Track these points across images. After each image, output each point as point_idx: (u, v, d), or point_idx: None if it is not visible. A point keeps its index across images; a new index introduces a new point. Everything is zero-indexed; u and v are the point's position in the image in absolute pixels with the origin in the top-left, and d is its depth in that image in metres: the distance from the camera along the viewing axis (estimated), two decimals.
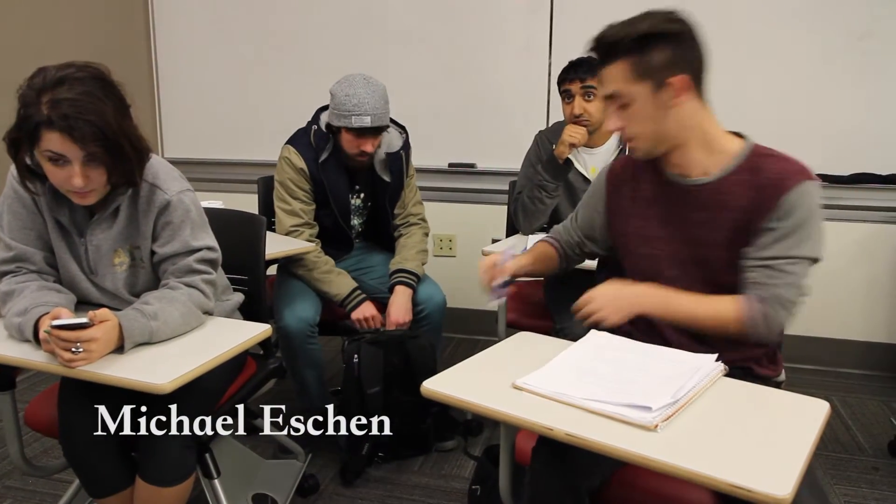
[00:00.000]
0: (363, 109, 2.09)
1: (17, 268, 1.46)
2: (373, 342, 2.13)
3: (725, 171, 1.33)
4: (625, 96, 1.30)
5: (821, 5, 2.80)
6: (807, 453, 0.97)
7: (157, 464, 1.41)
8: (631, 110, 1.31)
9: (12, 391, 1.49)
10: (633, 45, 1.26)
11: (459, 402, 1.14)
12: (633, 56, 1.27)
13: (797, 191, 1.26)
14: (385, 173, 2.30)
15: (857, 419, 2.59)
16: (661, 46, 1.26)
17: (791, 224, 1.27)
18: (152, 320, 1.34)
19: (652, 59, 1.26)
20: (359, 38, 3.27)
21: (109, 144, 1.29)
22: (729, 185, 1.33)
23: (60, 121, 1.24)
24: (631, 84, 1.28)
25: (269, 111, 3.45)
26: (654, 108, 1.29)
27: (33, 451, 2.26)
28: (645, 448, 0.97)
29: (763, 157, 1.32)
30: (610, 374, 1.19)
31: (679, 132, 1.32)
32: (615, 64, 1.28)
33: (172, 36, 3.54)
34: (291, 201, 2.25)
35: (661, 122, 1.31)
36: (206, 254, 1.50)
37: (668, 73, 1.27)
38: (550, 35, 3.06)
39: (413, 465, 2.24)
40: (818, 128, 2.87)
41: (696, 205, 1.36)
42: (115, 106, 1.32)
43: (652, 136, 1.33)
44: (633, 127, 1.33)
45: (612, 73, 1.30)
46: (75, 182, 1.30)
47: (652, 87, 1.28)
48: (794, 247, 1.28)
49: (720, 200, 1.33)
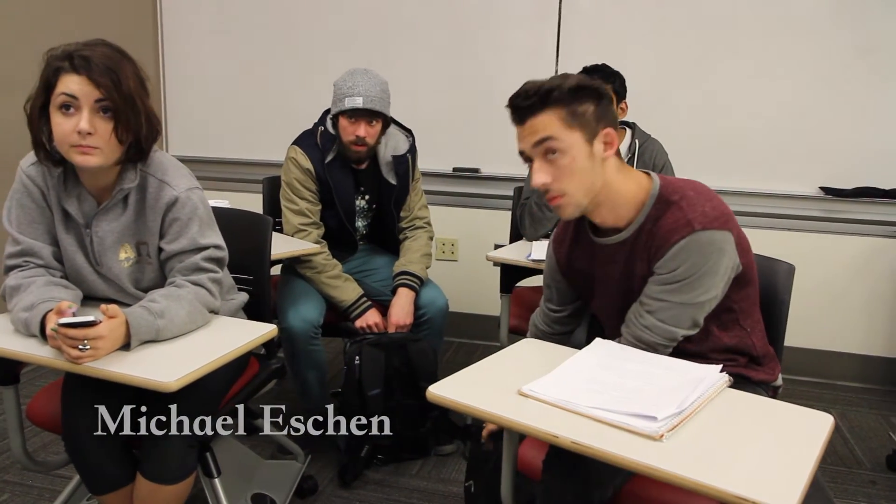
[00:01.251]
0: (355, 91, 2.11)
1: (25, 262, 1.46)
2: (374, 344, 2.13)
3: (636, 224, 1.36)
4: (560, 142, 1.28)
5: (824, 21, 2.81)
6: (812, 466, 0.97)
7: (158, 461, 1.41)
8: (563, 161, 1.29)
9: (16, 386, 1.49)
10: (567, 94, 1.28)
11: (464, 408, 1.14)
12: (566, 105, 1.28)
13: (680, 245, 1.28)
14: (391, 176, 2.31)
15: (856, 432, 2.59)
16: (591, 99, 1.29)
17: (674, 274, 1.30)
18: (159, 318, 1.34)
19: (585, 109, 1.29)
20: (366, 40, 3.28)
21: (122, 93, 1.32)
22: (635, 239, 1.36)
23: (80, 61, 1.30)
24: (565, 131, 1.28)
25: (275, 111, 3.45)
26: (586, 158, 1.30)
27: (33, 446, 2.25)
28: (651, 458, 0.97)
29: (666, 204, 1.33)
30: (615, 382, 1.20)
31: (601, 188, 1.33)
32: (549, 111, 1.28)
33: (179, 34, 3.55)
34: (298, 201, 2.25)
35: (591, 175, 1.31)
36: (213, 252, 1.50)
37: (599, 124, 1.30)
38: (558, 41, 3.07)
39: (412, 469, 2.24)
40: (821, 142, 2.88)
41: (615, 261, 1.40)
42: (134, 73, 1.37)
43: (582, 191, 1.31)
44: (564, 181, 1.30)
45: (545, 119, 1.28)
46: (82, 125, 1.30)
47: (585, 136, 1.29)
48: (670, 293, 1.31)
49: (631, 255, 1.37)
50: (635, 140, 2.31)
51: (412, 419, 2.19)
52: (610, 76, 2.21)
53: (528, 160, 1.34)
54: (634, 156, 2.28)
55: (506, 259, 2.18)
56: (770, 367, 1.46)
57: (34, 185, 1.45)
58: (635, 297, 1.38)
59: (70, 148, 1.34)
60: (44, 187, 1.45)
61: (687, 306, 1.31)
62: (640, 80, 2.33)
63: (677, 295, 1.30)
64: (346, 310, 2.24)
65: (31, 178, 1.45)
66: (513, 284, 2.27)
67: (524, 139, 1.32)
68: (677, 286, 1.30)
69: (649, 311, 1.33)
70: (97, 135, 1.33)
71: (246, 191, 3.42)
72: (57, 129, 1.34)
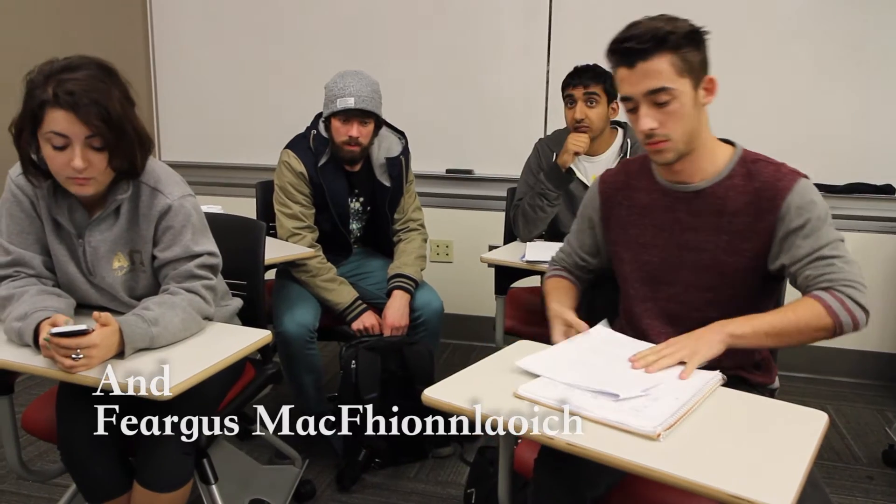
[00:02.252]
0: (347, 92, 2.12)
1: (16, 272, 1.46)
2: (370, 348, 2.13)
3: (720, 176, 1.36)
4: (672, 91, 1.26)
5: (816, 15, 2.82)
6: (807, 464, 0.97)
7: (155, 469, 1.40)
8: (670, 108, 1.28)
9: (10, 395, 1.49)
10: (682, 39, 1.26)
11: (460, 411, 1.14)
12: (680, 51, 1.26)
13: (796, 190, 1.30)
14: (385, 178, 2.31)
15: (852, 428, 2.60)
16: (699, 46, 1.29)
17: (808, 219, 1.29)
18: (153, 326, 1.34)
19: (695, 56, 1.28)
20: (357, 42, 3.28)
21: (112, 125, 1.30)
22: (724, 190, 1.35)
23: (66, 96, 1.26)
24: (677, 79, 1.26)
25: (268, 115, 3.45)
26: (692, 106, 1.29)
27: (28, 455, 2.25)
28: (647, 458, 0.97)
29: (754, 162, 1.36)
30: (609, 370, 1.22)
31: (698, 135, 1.33)
32: (662, 57, 1.25)
33: (170, 39, 3.54)
34: (292, 205, 2.25)
35: (695, 121, 1.31)
36: (207, 259, 1.50)
37: (702, 72, 1.30)
38: (549, 41, 3.08)
39: (409, 472, 2.24)
40: (813, 137, 2.89)
41: (693, 211, 1.38)
42: (120, 93, 1.34)
43: (685, 137, 1.31)
44: (671, 126, 1.29)
45: (657, 66, 1.26)
46: (75, 163, 1.30)
47: (692, 83, 1.28)
48: (825, 235, 1.30)
49: (717, 205, 1.35)
50: (627, 140, 2.31)
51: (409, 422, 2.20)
52: (601, 76, 2.21)
53: (630, 105, 1.31)
54: (626, 156, 2.28)
55: (500, 261, 2.18)
56: (768, 370, 1.46)
57: (23, 195, 1.44)
58: (699, 254, 1.37)
59: (66, 179, 1.35)
60: (33, 197, 1.45)
61: (839, 241, 1.31)
62: None
63: (828, 235, 1.30)
64: (342, 313, 2.24)
65: (21, 188, 1.44)
66: (507, 286, 2.27)
67: (633, 84, 1.28)
68: (822, 229, 1.29)
69: (828, 256, 1.29)
70: (92, 167, 1.33)
71: (239, 195, 3.41)
72: (50, 162, 1.33)
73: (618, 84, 1.32)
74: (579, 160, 2.31)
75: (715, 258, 1.37)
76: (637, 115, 1.31)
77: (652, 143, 1.32)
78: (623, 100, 1.33)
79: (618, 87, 1.33)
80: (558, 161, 2.25)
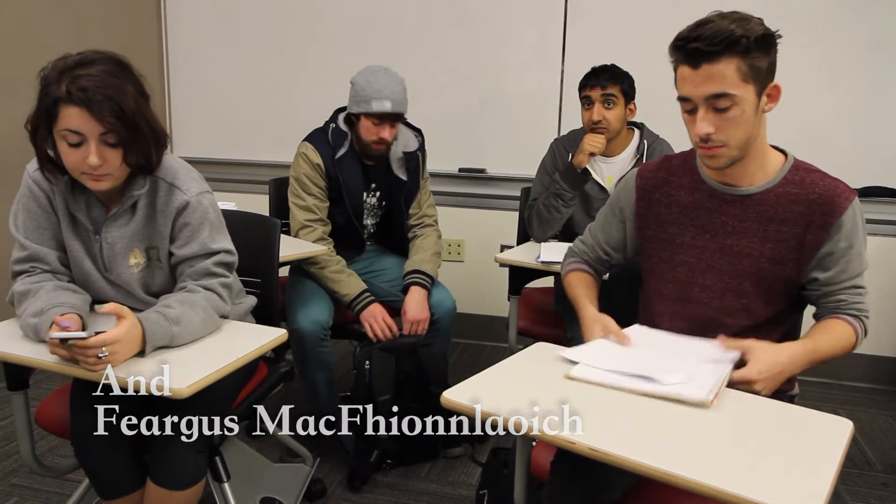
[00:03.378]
0: (384, 94, 2.10)
1: (32, 267, 1.45)
2: (385, 349, 2.12)
3: (771, 183, 1.34)
4: (735, 98, 1.22)
5: (830, 17, 2.80)
6: (834, 472, 0.96)
7: (168, 467, 1.40)
8: (730, 114, 1.23)
9: (25, 391, 1.48)
10: (753, 44, 1.20)
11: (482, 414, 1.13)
12: (749, 56, 1.21)
13: (852, 210, 1.29)
14: (401, 172, 2.31)
15: (866, 434, 2.58)
16: (769, 50, 1.24)
17: (853, 243, 1.31)
18: (174, 325, 1.33)
19: (762, 62, 1.23)
20: (371, 40, 3.27)
21: (126, 122, 1.29)
22: (775, 198, 1.33)
23: (79, 93, 1.25)
24: (741, 85, 1.21)
25: (281, 112, 3.44)
26: (754, 113, 1.25)
27: (39, 449, 2.25)
28: (670, 464, 0.96)
29: (807, 171, 1.34)
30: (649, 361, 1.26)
31: (754, 141, 1.30)
32: (729, 61, 1.20)
33: (183, 35, 3.54)
34: (306, 197, 2.24)
35: (754, 129, 1.27)
36: (223, 257, 1.49)
37: (768, 78, 1.26)
38: (564, 42, 3.06)
39: (420, 472, 2.23)
40: (828, 140, 2.86)
41: (739, 215, 1.36)
42: (134, 88, 1.33)
43: (742, 143, 1.27)
44: (729, 132, 1.24)
45: (723, 70, 1.20)
46: (91, 160, 1.29)
47: (757, 89, 1.24)
48: (863, 263, 1.34)
49: (765, 212, 1.33)
50: (643, 141, 2.30)
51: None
52: (618, 77, 2.19)
53: (688, 105, 1.27)
54: (643, 157, 2.26)
55: (515, 261, 2.16)
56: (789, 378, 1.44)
57: (40, 190, 1.44)
58: (740, 259, 1.36)
59: (81, 174, 1.34)
60: (49, 192, 1.44)
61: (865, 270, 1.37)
62: (647, 80, 2.31)
63: (861, 265, 1.35)
64: (349, 304, 2.23)
65: (37, 183, 1.44)
66: (521, 286, 2.26)
67: (696, 85, 1.23)
68: (859, 257, 1.34)
69: (859, 286, 1.35)
70: (107, 164, 1.32)
71: (252, 192, 3.41)
72: (65, 158, 1.33)
73: (678, 81, 1.27)
74: (595, 161, 2.29)
75: (757, 265, 1.35)
76: (694, 116, 1.26)
77: (706, 147, 1.27)
78: (681, 99, 1.28)
79: (677, 84, 1.28)
80: (574, 161, 2.23)
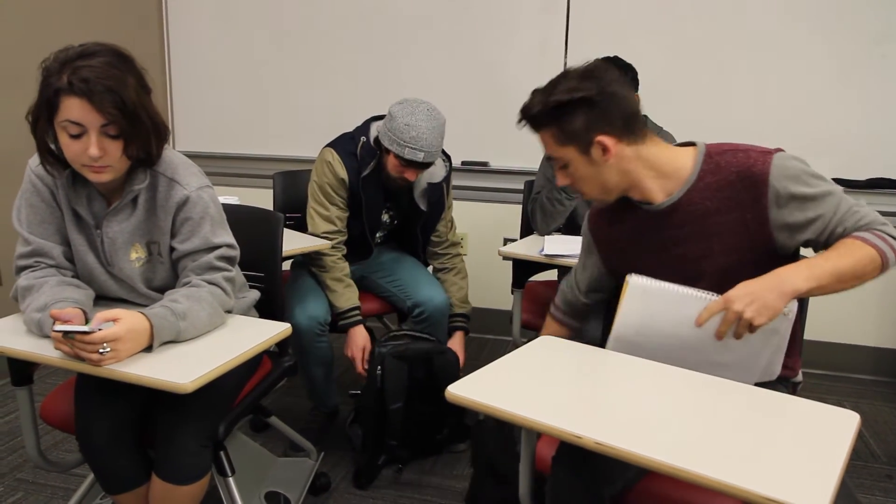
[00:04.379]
0: (419, 145, 2.05)
1: (36, 262, 1.45)
2: (398, 357, 2.10)
3: (688, 183, 1.33)
4: (559, 159, 1.35)
5: (836, 9, 2.78)
6: (841, 465, 0.95)
7: (173, 461, 1.40)
8: (570, 171, 1.36)
9: (29, 386, 1.48)
10: (551, 115, 1.30)
11: (485, 408, 1.13)
12: (553, 125, 1.31)
13: (775, 168, 1.26)
14: (423, 202, 2.28)
15: (870, 426, 2.57)
16: (577, 112, 1.29)
17: (806, 191, 1.26)
18: (181, 320, 1.33)
19: (572, 125, 1.29)
20: (372, 34, 3.26)
21: (127, 113, 1.29)
22: (699, 194, 1.32)
23: (80, 84, 1.24)
24: (560, 149, 1.33)
25: (283, 106, 3.43)
26: (588, 166, 1.34)
27: (44, 444, 2.24)
28: (675, 458, 0.96)
29: (720, 154, 1.33)
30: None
31: (623, 177, 1.35)
32: (542, 132, 1.35)
33: (185, 29, 3.53)
34: (329, 206, 2.22)
35: (601, 176, 1.35)
36: (225, 251, 1.49)
37: (590, 134, 1.29)
38: (566, 34, 3.04)
39: (425, 466, 2.23)
40: (834, 132, 2.85)
41: (673, 225, 1.36)
42: (135, 81, 1.33)
43: (598, 189, 1.37)
44: (578, 184, 1.38)
45: (543, 137, 1.35)
46: (91, 151, 1.29)
47: (578, 149, 1.32)
48: (826, 195, 1.26)
49: (696, 211, 1.33)
50: None
51: (430, 426, 2.20)
52: (622, 68, 2.18)
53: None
54: None
55: (519, 255, 2.16)
56: (792, 362, 1.43)
57: (43, 185, 1.44)
58: (696, 263, 1.34)
59: (82, 166, 1.34)
60: (52, 186, 1.44)
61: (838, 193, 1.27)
62: (650, 73, 2.30)
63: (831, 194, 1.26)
64: (338, 315, 2.22)
65: (40, 178, 1.44)
66: (525, 279, 2.25)
67: (543, 147, 1.39)
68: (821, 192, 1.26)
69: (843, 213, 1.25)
70: (107, 155, 1.32)
71: (256, 186, 3.40)
72: (66, 149, 1.32)
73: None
74: None
75: (714, 263, 1.33)
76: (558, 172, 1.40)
77: (578, 196, 1.44)
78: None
79: None
80: None
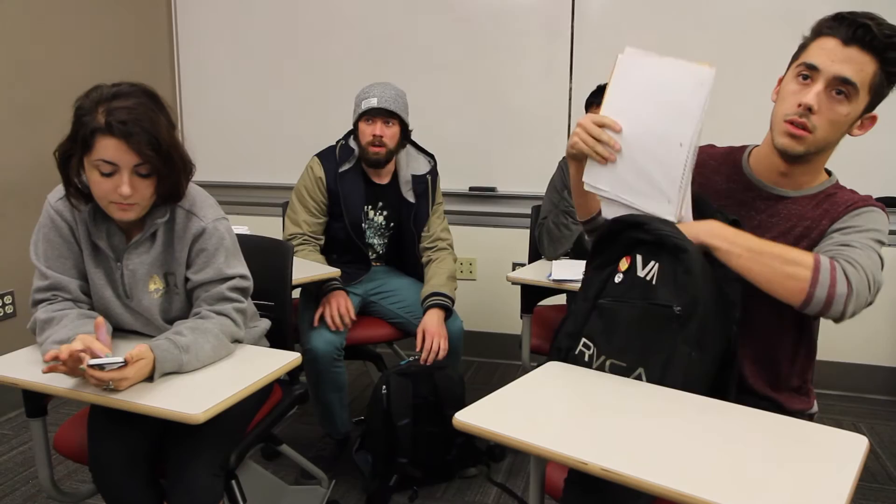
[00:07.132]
0: (371, 94, 2.21)
1: (54, 296, 1.48)
2: (402, 374, 2.12)
3: (808, 192, 1.35)
4: (853, 94, 1.20)
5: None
6: (849, 490, 0.95)
7: (185, 491, 1.40)
8: (838, 107, 1.21)
9: (44, 418, 1.50)
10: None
11: (491, 435, 1.13)
12: (889, 69, 1.20)
13: (868, 207, 1.29)
14: (409, 194, 2.34)
15: (887, 447, 2.54)
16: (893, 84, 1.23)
17: (856, 224, 1.27)
18: (184, 353, 1.35)
19: (885, 90, 1.23)
20: (381, 62, 3.31)
21: (162, 153, 1.33)
22: (803, 204, 1.34)
23: (119, 125, 1.28)
24: (865, 90, 1.21)
25: (292, 135, 3.48)
26: (850, 122, 1.25)
27: (57, 475, 2.26)
28: (683, 484, 0.96)
29: (840, 189, 1.35)
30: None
31: (825, 152, 1.31)
32: (877, 60, 1.19)
33: (195, 59, 3.60)
34: (299, 210, 2.31)
35: (838, 136, 1.27)
36: (238, 282, 1.51)
37: (876, 103, 1.25)
38: (571, 60, 3.08)
39: (436, 492, 2.23)
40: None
41: (768, 211, 1.36)
42: (166, 120, 1.38)
43: (822, 142, 1.26)
44: (823, 121, 1.22)
45: (867, 65, 1.19)
46: (123, 190, 1.32)
47: (866, 106, 1.24)
48: (862, 238, 1.25)
49: (790, 215, 1.34)
50: None
51: (439, 447, 2.19)
52: None
53: (807, 72, 1.22)
54: None
55: (527, 280, 2.17)
56: (806, 395, 1.43)
57: (62, 220, 1.47)
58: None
59: (109, 203, 1.37)
60: (72, 222, 1.47)
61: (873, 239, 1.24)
62: None
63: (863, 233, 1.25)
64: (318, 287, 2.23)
65: (59, 213, 1.47)
66: (533, 304, 2.26)
67: (834, 61, 1.19)
68: (859, 231, 1.25)
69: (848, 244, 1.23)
70: (137, 193, 1.36)
71: (264, 214, 3.44)
72: (95, 187, 1.36)
73: (809, 48, 1.23)
74: None
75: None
76: (804, 85, 1.23)
77: (794, 124, 1.24)
78: (806, 65, 1.23)
79: (806, 51, 1.24)
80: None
